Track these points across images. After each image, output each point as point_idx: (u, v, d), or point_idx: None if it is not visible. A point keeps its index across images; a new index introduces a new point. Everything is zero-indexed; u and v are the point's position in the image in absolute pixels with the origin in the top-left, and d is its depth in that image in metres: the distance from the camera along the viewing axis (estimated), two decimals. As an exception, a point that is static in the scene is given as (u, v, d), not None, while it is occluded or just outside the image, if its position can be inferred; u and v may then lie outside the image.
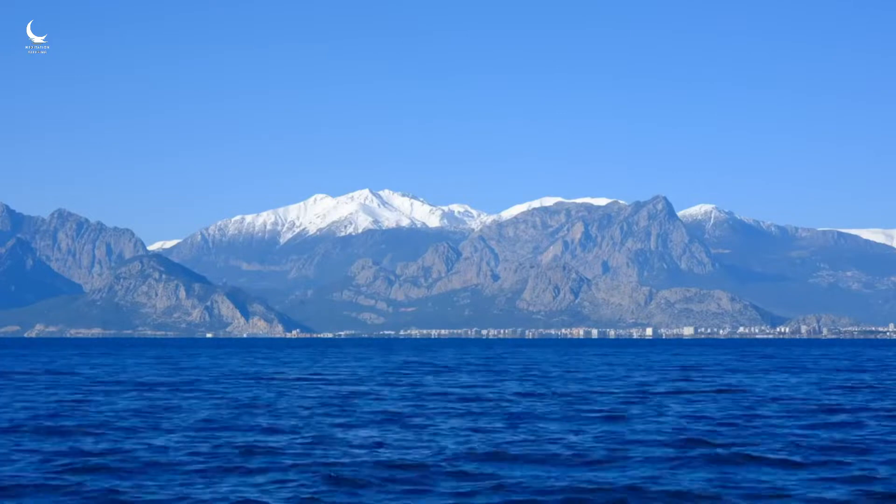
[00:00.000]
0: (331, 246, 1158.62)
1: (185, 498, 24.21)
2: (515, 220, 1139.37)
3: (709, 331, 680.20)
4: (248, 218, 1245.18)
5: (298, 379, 75.95)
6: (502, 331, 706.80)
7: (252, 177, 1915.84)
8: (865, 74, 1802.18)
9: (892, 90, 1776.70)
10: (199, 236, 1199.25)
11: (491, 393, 58.45)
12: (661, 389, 61.95)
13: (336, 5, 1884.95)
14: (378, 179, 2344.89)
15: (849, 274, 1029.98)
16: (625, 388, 63.88)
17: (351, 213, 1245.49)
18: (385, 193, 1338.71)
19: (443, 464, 28.92)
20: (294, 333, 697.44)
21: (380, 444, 33.28)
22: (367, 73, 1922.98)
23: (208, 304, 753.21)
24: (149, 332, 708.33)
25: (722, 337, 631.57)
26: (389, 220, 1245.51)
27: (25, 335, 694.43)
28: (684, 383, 69.98)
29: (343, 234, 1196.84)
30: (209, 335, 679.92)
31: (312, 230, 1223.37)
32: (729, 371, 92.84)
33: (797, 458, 30.25)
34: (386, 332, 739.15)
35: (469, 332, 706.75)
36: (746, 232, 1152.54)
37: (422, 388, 62.67)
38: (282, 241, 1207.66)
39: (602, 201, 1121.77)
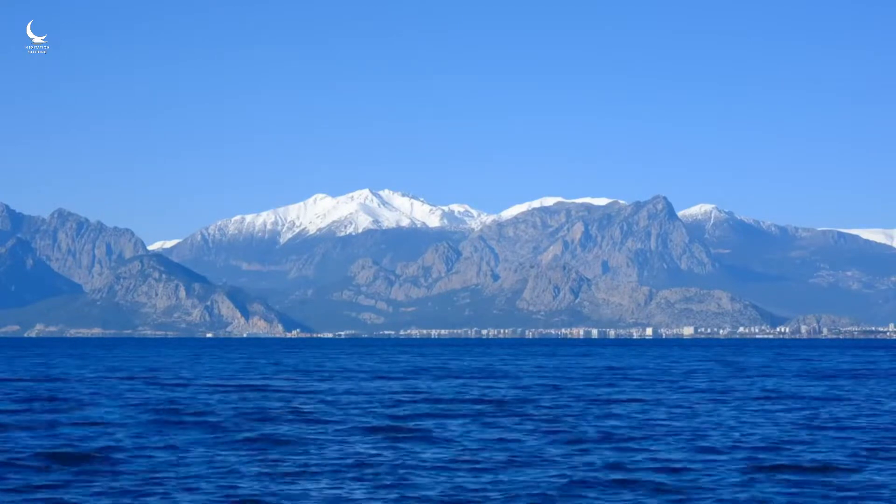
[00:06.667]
0: (331, 246, 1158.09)
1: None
2: (515, 220, 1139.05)
3: (709, 331, 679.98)
4: (248, 218, 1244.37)
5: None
6: (502, 331, 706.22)
7: (252, 177, 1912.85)
8: (865, 74, 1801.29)
9: (892, 90, 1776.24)
10: (199, 236, 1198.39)
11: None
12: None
13: (336, 5, 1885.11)
14: (378, 179, 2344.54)
15: (849, 274, 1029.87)
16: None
17: (351, 213, 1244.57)
18: (385, 193, 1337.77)
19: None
20: (294, 333, 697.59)
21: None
22: (367, 72, 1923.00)
23: (208, 303, 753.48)
24: (149, 332, 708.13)
25: (722, 337, 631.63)
26: (389, 219, 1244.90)
27: (25, 335, 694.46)
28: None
29: (343, 233, 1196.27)
30: (209, 335, 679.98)
31: (312, 230, 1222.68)
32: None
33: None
34: (386, 332, 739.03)
35: (469, 332, 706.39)
36: (746, 232, 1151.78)
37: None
38: (282, 240, 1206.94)
39: (602, 201, 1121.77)
